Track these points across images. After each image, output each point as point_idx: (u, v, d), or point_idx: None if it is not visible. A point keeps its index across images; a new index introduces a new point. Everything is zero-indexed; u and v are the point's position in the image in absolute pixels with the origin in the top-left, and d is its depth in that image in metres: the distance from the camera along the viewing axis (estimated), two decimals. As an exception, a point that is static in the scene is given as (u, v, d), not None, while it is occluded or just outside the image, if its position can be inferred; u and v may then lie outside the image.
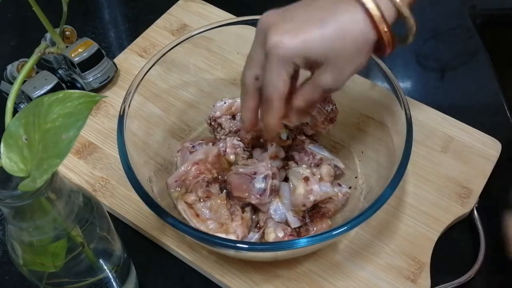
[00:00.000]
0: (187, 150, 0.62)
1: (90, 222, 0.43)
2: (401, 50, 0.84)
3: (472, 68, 0.78)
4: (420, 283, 0.57)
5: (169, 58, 0.62)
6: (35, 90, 0.66)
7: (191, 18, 0.80)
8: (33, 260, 0.42)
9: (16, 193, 0.35)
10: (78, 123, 0.34)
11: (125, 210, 0.62)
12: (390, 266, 0.57)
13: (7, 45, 0.81)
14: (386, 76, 0.58)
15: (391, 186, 0.50)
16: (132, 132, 0.57)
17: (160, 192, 0.57)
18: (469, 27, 0.82)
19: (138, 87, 0.58)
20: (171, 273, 0.59)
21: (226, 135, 0.63)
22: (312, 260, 0.58)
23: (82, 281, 0.46)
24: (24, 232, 0.40)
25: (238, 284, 0.57)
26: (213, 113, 0.64)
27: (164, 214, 0.50)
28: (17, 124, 0.35)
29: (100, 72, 0.71)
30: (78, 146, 0.67)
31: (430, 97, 0.73)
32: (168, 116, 0.65)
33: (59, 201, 0.40)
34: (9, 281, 0.59)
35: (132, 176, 0.52)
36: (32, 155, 0.35)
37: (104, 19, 0.85)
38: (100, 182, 0.64)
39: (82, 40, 0.72)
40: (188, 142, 0.63)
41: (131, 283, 0.54)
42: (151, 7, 0.83)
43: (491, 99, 0.74)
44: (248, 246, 0.50)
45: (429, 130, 0.67)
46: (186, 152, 0.62)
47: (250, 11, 0.65)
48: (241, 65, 0.51)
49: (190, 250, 0.59)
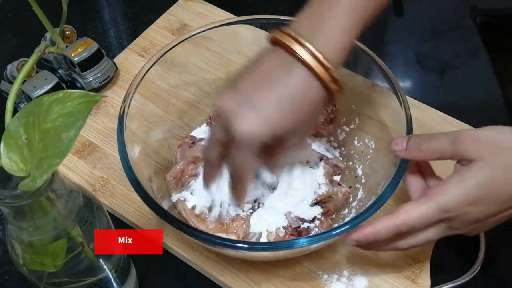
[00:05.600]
0: (187, 146, 0.62)
1: (90, 222, 0.43)
2: (401, 50, 0.84)
3: (472, 67, 0.78)
4: (420, 283, 0.57)
5: (169, 58, 0.62)
6: (35, 90, 0.66)
7: (191, 18, 0.80)
8: (33, 260, 0.42)
9: (16, 193, 0.35)
10: (78, 122, 0.34)
11: (125, 210, 0.62)
12: (390, 266, 0.57)
13: (7, 45, 0.81)
14: (386, 76, 0.58)
15: (391, 186, 0.50)
16: (132, 132, 0.57)
17: (160, 191, 0.57)
18: (469, 26, 0.82)
19: (138, 86, 0.58)
20: (171, 273, 0.59)
21: None
22: (312, 259, 0.58)
23: (82, 281, 0.46)
24: (24, 232, 0.40)
25: (238, 284, 0.57)
26: (213, 112, 0.64)
27: (164, 214, 0.50)
28: (17, 124, 0.35)
29: (100, 71, 0.71)
30: (78, 146, 0.67)
31: (430, 97, 0.72)
32: (168, 116, 0.65)
33: (59, 201, 0.40)
34: (9, 281, 0.59)
35: (132, 176, 0.52)
36: (32, 155, 0.35)
37: (104, 19, 0.85)
38: (100, 181, 0.64)
39: (82, 39, 0.72)
40: (189, 138, 0.63)
41: (131, 283, 0.54)
42: (151, 7, 0.83)
43: (491, 99, 0.74)
44: (248, 246, 0.50)
45: (429, 130, 0.67)
46: (185, 147, 0.62)
47: (250, 11, 0.65)
48: (241, 65, 0.51)
49: (190, 250, 0.59)
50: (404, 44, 0.83)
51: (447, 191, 0.46)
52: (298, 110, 0.47)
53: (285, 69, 0.47)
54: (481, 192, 0.45)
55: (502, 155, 0.45)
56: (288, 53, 0.47)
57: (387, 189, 0.50)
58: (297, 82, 0.47)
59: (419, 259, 0.58)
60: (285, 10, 0.65)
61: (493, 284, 0.60)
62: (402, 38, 0.84)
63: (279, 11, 0.79)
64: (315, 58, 0.46)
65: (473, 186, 0.45)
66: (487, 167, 0.45)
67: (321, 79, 0.46)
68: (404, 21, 0.85)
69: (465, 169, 0.46)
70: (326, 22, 0.47)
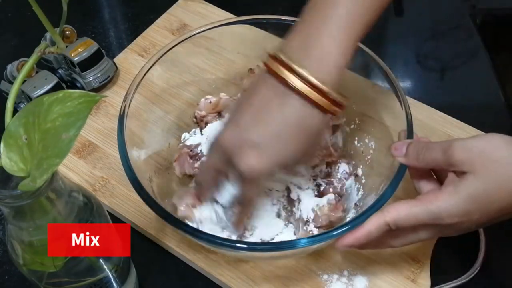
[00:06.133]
0: (186, 157, 0.61)
1: (90, 222, 0.43)
2: (401, 50, 0.84)
3: (472, 67, 0.78)
4: (420, 283, 0.57)
5: (169, 58, 0.62)
6: (35, 90, 0.66)
7: (191, 18, 0.80)
8: (33, 260, 0.42)
9: (16, 193, 0.35)
10: (78, 122, 0.34)
11: (125, 210, 0.62)
12: (390, 266, 0.57)
13: (7, 45, 0.81)
14: (386, 76, 0.58)
15: (391, 186, 0.50)
16: (132, 132, 0.57)
17: (160, 192, 0.57)
18: (469, 26, 0.82)
19: (138, 86, 0.58)
20: (171, 273, 0.59)
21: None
22: (312, 259, 0.58)
23: (82, 281, 0.46)
24: (24, 232, 0.40)
25: (238, 284, 0.57)
26: (198, 111, 0.64)
27: (164, 214, 0.50)
28: (17, 124, 0.35)
29: (100, 71, 0.71)
30: (78, 146, 0.67)
31: (430, 97, 0.72)
32: (168, 116, 0.65)
33: (59, 201, 0.40)
34: (9, 281, 0.59)
35: (132, 176, 0.52)
36: (32, 154, 0.35)
37: (104, 19, 0.85)
38: (100, 181, 0.64)
39: (82, 39, 0.71)
40: (186, 148, 0.62)
41: (131, 283, 0.54)
42: (151, 7, 0.83)
43: (491, 99, 0.74)
44: (248, 246, 0.50)
45: (429, 130, 0.67)
46: (184, 159, 0.61)
47: (250, 11, 0.65)
48: (241, 65, 0.52)
49: (190, 250, 0.59)
50: (404, 44, 0.83)
51: (441, 200, 0.46)
52: (300, 139, 0.47)
53: (281, 100, 0.46)
54: (474, 205, 0.45)
55: (493, 167, 0.45)
56: (282, 84, 0.46)
57: (387, 189, 0.50)
58: (295, 112, 0.46)
59: (419, 259, 0.58)
60: (285, 10, 0.66)
61: (493, 284, 0.60)
62: (402, 38, 0.84)
63: (279, 11, 0.79)
64: (310, 85, 0.45)
65: (466, 198, 0.45)
66: (479, 180, 0.45)
67: (319, 105, 0.46)
68: (404, 21, 0.85)
69: (459, 180, 0.46)
70: (319, 40, 0.45)
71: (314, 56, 0.45)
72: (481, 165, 0.45)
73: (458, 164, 0.46)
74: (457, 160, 0.46)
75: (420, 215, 0.47)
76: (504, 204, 0.45)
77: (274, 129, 0.46)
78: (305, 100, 0.45)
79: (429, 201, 0.47)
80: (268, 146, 0.46)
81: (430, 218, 0.46)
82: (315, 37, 0.46)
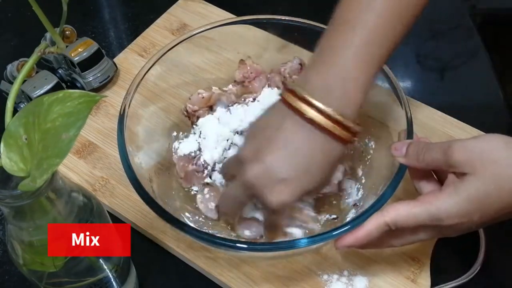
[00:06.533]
0: (194, 172, 0.61)
1: (90, 222, 0.43)
2: (401, 50, 0.84)
3: (472, 67, 0.78)
4: (420, 283, 0.57)
5: (169, 58, 0.62)
6: (35, 90, 0.66)
7: (191, 18, 0.80)
8: (33, 260, 0.42)
9: (16, 193, 0.35)
10: (78, 122, 0.34)
11: (125, 210, 0.62)
12: (390, 266, 0.57)
13: (7, 45, 0.81)
14: (386, 76, 0.58)
15: (391, 186, 0.50)
16: (132, 132, 0.57)
17: (160, 192, 0.57)
18: (469, 26, 0.82)
19: (138, 86, 0.58)
20: (171, 273, 0.59)
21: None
22: (312, 259, 0.58)
23: (82, 281, 0.46)
24: (24, 232, 0.40)
25: (238, 284, 0.57)
26: (190, 106, 0.64)
27: (164, 214, 0.50)
28: (17, 124, 0.35)
29: (100, 71, 0.71)
30: (78, 146, 0.67)
31: (430, 97, 0.72)
32: (168, 116, 0.65)
33: (59, 201, 0.40)
34: (9, 281, 0.59)
35: (132, 176, 0.52)
36: (32, 154, 0.35)
37: (104, 19, 0.85)
38: (100, 181, 0.64)
39: (82, 39, 0.71)
40: (191, 165, 0.61)
41: (131, 283, 0.54)
42: (151, 7, 0.83)
43: (491, 99, 0.74)
44: (248, 246, 0.50)
45: (429, 130, 0.67)
46: (193, 174, 0.61)
47: (250, 11, 0.65)
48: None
49: (190, 250, 0.59)
50: (404, 44, 0.82)
51: (441, 200, 0.46)
52: (325, 169, 0.49)
53: (307, 136, 0.47)
54: (474, 206, 0.46)
55: (492, 167, 0.45)
56: (305, 120, 0.47)
57: (387, 189, 0.50)
58: (320, 147, 0.48)
59: (419, 259, 0.58)
60: (285, 10, 0.66)
61: (493, 284, 0.60)
62: (402, 38, 0.84)
63: (279, 11, 0.79)
64: (334, 121, 0.46)
65: (466, 199, 0.45)
66: (479, 181, 0.45)
67: (342, 139, 0.47)
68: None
69: (459, 181, 0.46)
70: (340, 82, 0.47)
71: (336, 98, 0.47)
72: (481, 166, 0.45)
73: (458, 165, 0.46)
74: (457, 161, 0.46)
75: (420, 216, 0.47)
76: (504, 205, 0.45)
77: (301, 164, 0.48)
78: (329, 135, 0.47)
79: (429, 202, 0.47)
80: (296, 181, 0.48)
81: (430, 219, 0.47)
82: (335, 78, 0.48)
